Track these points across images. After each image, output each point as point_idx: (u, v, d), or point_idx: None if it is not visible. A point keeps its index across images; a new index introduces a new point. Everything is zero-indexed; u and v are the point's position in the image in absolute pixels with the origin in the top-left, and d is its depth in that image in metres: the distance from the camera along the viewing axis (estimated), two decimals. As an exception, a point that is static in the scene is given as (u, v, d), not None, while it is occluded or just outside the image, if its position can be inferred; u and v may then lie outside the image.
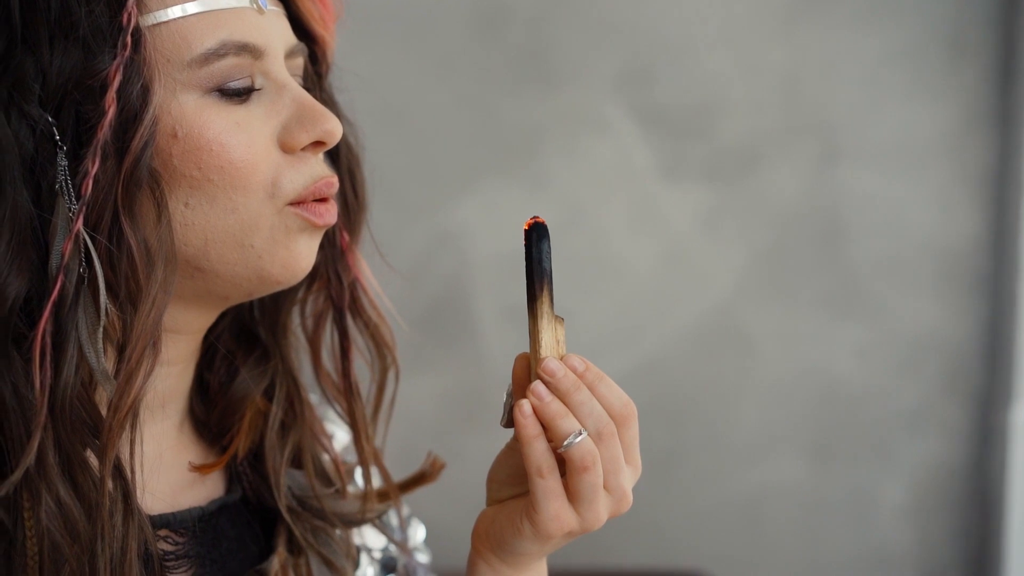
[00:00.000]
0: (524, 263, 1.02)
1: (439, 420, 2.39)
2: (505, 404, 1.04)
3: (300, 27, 1.11)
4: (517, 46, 2.36)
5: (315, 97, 1.10)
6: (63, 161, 0.95)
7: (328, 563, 1.15)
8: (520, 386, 1.03)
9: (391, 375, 1.21)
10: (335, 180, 1.07)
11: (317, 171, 1.05)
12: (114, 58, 0.95)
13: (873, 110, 2.42)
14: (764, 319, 2.45)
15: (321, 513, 1.15)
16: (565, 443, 0.99)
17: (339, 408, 1.20)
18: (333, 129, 1.04)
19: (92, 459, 0.97)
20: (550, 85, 2.37)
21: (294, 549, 1.14)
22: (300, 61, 1.09)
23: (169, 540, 1.07)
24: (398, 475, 1.24)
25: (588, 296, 2.42)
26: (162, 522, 1.07)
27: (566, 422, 1.00)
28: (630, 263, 2.43)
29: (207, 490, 1.13)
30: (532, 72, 2.37)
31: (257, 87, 1.02)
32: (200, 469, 1.12)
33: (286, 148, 1.03)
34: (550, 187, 2.39)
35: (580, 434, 0.99)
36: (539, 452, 1.00)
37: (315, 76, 1.13)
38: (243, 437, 1.14)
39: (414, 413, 2.37)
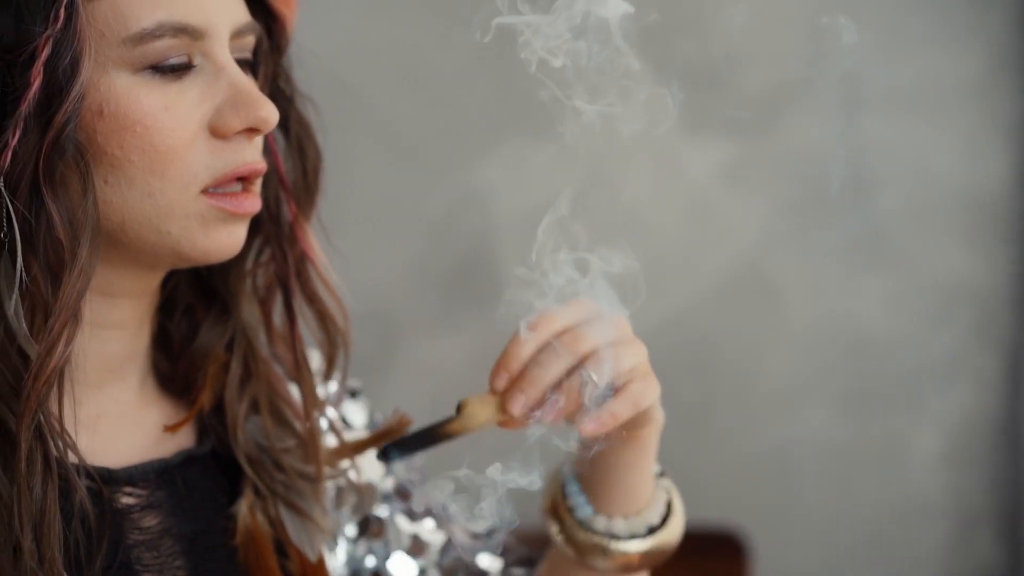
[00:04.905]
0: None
1: (469, 379, 2.38)
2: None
3: (257, 1, 1.09)
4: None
5: (267, 74, 1.08)
6: None
7: (293, 507, 1.15)
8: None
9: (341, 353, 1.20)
10: (262, 167, 1.05)
11: (243, 157, 1.03)
12: (45, 29, 0.93)
13: (898, 57, 2.40)
14: (791, 270, 2.44)
15: (280, 465, 1.16)
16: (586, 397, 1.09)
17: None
18: (268, 116, 1.02)
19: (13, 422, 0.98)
20: (571, 40, 2.36)
21: (261, 494, 1.15)
22: (250, 40, 1.06)
23: (132, 494, 1.08)
24: None
25: (612, 251, 2.40)
26: (124, 477, 1.07)
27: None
28: (654, 217, 2.42)
29: (176, 443, 1.13)
30: (553, 27, 2.35)
31: (195, 64, 1.00)
32: (170, 429, 1.12)
33: (217, 133, 1.01)
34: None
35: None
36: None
37: (270, 52, 1.11)
38: (208, 391, 1.14)
39: (444, 373, 2.37)
